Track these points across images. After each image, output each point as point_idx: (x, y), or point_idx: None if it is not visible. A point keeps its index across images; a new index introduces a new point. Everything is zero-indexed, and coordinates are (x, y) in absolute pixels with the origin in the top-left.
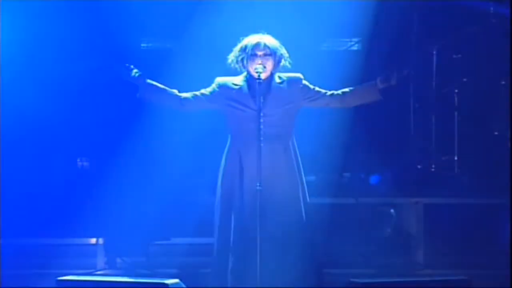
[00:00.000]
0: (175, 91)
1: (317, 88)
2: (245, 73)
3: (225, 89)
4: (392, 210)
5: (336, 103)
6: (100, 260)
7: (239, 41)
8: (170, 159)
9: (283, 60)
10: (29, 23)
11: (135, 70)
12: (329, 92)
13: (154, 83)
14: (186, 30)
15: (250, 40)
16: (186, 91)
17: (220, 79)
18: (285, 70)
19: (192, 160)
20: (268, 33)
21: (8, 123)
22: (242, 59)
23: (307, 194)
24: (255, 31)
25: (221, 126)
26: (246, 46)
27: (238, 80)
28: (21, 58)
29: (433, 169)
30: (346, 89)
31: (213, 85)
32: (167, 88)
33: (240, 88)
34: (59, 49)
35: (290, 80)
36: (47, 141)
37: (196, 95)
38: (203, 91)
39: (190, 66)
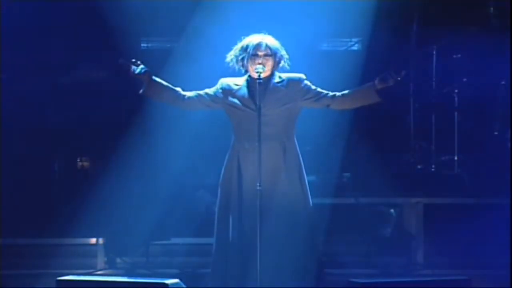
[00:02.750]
0: (179, 89)
1: (318, 89)
2: (247, 74)
3: (227, 89)
4: (392, 210)
5: (336, 105)
6: (100, 260)
7: (240, 40)
8: (170, 159)
9: (282, 61)
10: (28, 20)
11: (141, 66)
12: (330, 94)
13: (159, 80)
14: (186, 30)
15: (252, 40)
16: (186, 91)
17: (223, 80)
18: (287, 69)
19: (193, 160)
20: (268, 33)
21: (8, 123)
22: (243, 59)
23: (309, 195)
24: (256, 31)
25: (224, 125)
26: (247, 46)
27: (240, 80)
28: (21, 56)
29: (433, 169)
30: (346, 91)
31: (217, 85)
32: (171, 86)
33: (240, 88)
34: (59, 48)
35: (290, 80)
36: (47, 140)
37: (199, 95)
38: (206, 90)
39: (190, 66)
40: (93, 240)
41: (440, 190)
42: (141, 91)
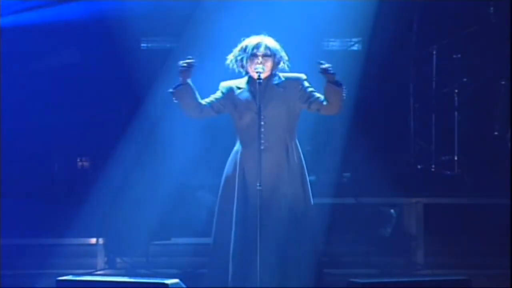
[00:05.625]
0: (200, 99)
1: (313, 92)
2: (247, 76)
3: (230, 92)
4: (392, 210)
5: (324, 111)
6: (100, 260)
7: (240, 42)
8: (171, 159)
9: (282, 62)
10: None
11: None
12: (322, 98)
13: (192, 85)
14: (186, 30)
15: (251, 41)
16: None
17: (224, 84)
18: (292, 70)
19: (193, 159)
20: (268, 33)
21: (8, 123)
22: (242, 59)
23: (310, 195)
24: (256, 31)
25: (225, 126)
26: (246, 47)
27: (240, 82)
28: (21, 56)
29: (433, 169)
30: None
31: (219, 90)
32: (197, 94)
33: (242, 90)
34: (59, 48)
35: (288, 80)
36: (47, 140)
37: (211, 102)
38: (214, 97)
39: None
40: (93, 240)
41: (440, 190)
42: (171, 89)
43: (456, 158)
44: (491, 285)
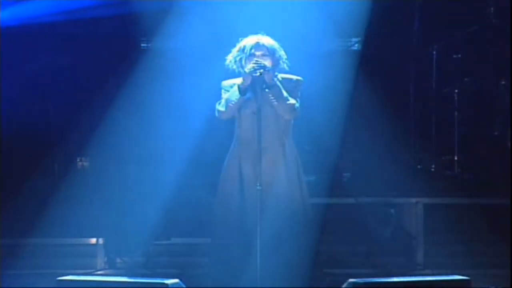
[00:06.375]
0: None
1: (292, 97)
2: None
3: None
4: (392, 210)
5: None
6: (100, 260)
7: (238, 42)
8: (170, 159)
9: (281, 62)
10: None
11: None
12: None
13: None
14: (185, 30)
15: (249, 40)
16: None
17: (227, 83)
18: (291, 70)
19: (193, 159)
20: (268, 33)
21: (8, 123)
22: (241, 60)
23: (306, 192)
24: (255, 31)
25: (225, 125)
26: (244, 47)
27: (240, 81)
28: (21, 56)
29: (433, 169)
30: None
31: (226, 90)
32: None
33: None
34: (58, 48)
35: (284, 80)
36: (47, 140)
37: None
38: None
39: (189, 67)
40: (93, 240)
41: (440, 190)
42: (247, 97)
43: (456, 158)
44: (491, 285)
